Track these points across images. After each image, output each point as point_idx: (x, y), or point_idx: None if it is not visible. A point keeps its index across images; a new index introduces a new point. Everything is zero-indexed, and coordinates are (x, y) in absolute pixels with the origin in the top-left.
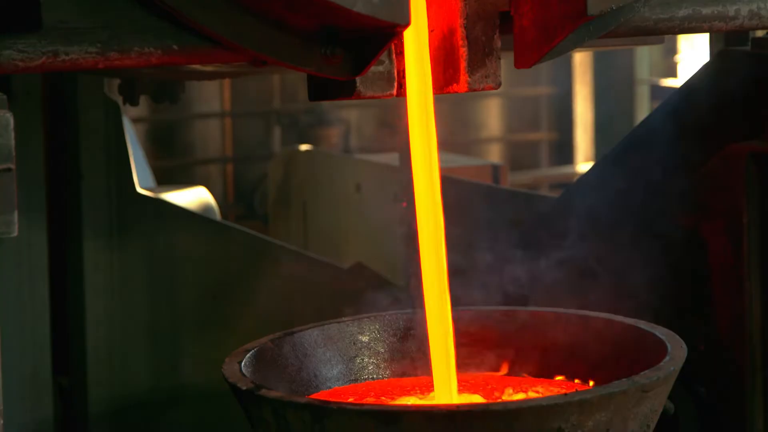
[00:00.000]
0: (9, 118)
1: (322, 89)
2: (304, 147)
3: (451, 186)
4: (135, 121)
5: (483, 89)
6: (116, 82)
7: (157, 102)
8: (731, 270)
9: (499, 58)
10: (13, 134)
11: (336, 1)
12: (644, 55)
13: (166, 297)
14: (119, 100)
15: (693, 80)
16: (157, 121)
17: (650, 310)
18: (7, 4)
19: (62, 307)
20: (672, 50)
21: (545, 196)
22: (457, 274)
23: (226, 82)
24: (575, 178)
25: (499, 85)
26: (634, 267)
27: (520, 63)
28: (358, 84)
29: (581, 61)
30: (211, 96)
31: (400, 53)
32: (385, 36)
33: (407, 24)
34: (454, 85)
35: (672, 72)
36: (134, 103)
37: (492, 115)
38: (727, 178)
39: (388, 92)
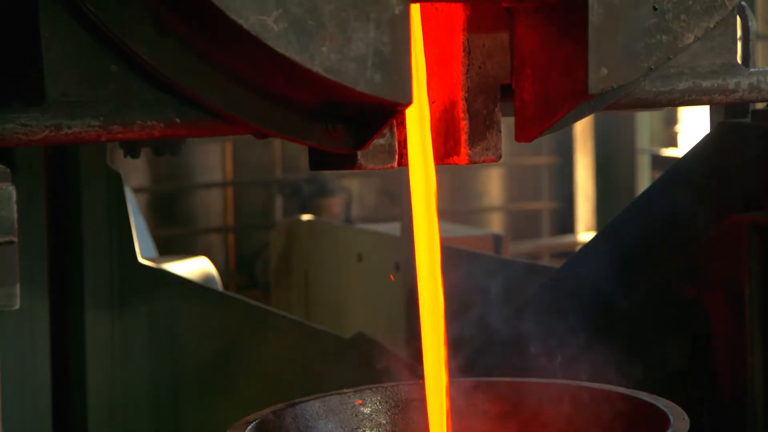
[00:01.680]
0: (11, 191)
1: (323, 160)
2: (305, 217)
3: (452, 256)
4: (137, 191)
5: (483, 162)
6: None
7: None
8: (733, 341)
9: (500, 131)
10: (15, 207)
11: (338, 80)
12: (645, 124)
13: (168, 366)
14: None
15: (694, 151)
16: (159, 191)
17: (652, 381)
18: (9, 76)
19: (64, 375)
20: (672, 120)
21: (546, 267)
22: (458, 344)
23: (228, 151)
24: (577, 248)
25: (500, 157)
26: (635, 337)
27: (520, 137)
28: (359, 156)
29: (582, 130)
30: (213, 165)
31: (401, 123)
32: (387, 113)
33: (409, 103)
34: (455, 157)
35: (673, 142)
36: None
37: (493, 184)
38: (729, 249)
39: (389, 164)
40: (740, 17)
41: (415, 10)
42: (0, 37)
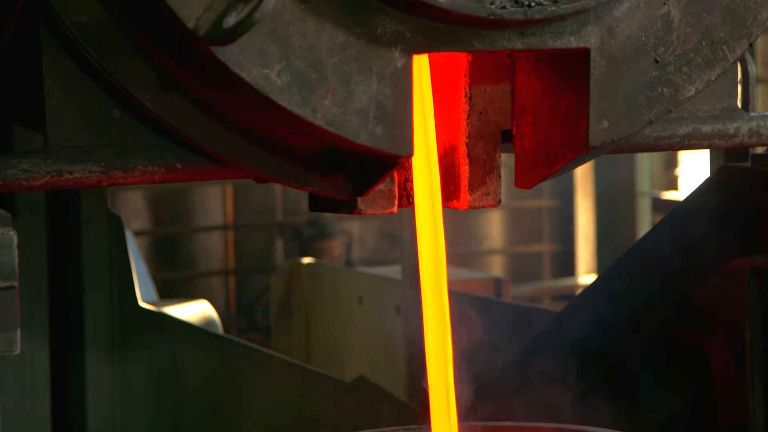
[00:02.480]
0: (12, 235)
1: (323, 203)
2: (306, 260)
3: (453, 300)
4: (137, 234)
5: (483, 207)
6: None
7: None
8: (734, 385)
9: (500, 177)
10: (16, 252)
11: (339, 134)
12: (645, 167)
13: (168, 409)
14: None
15: (694, 195)
16: (160, 234)
17: (653, 425)
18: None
19: (64, 420)
20: (673, 163)
21: (547, 310)
22: (458, 387)
23: (229, 194)
24: (578, 290)
25: (499, 203)
26: (636, 381)
27: (520, 183)
28: (359, 202)
29: (582, 173)
30: (213, 208)
31: (401, 165)
32: (388, 164)
33: (410, 155)
34: (455, 201)
35: (673, 185)
36: None
37: (494, 226)
38: (729, 293)
39: (389, 209)
40: (740, 62)
41: (423, 57)
42: (3, 81)
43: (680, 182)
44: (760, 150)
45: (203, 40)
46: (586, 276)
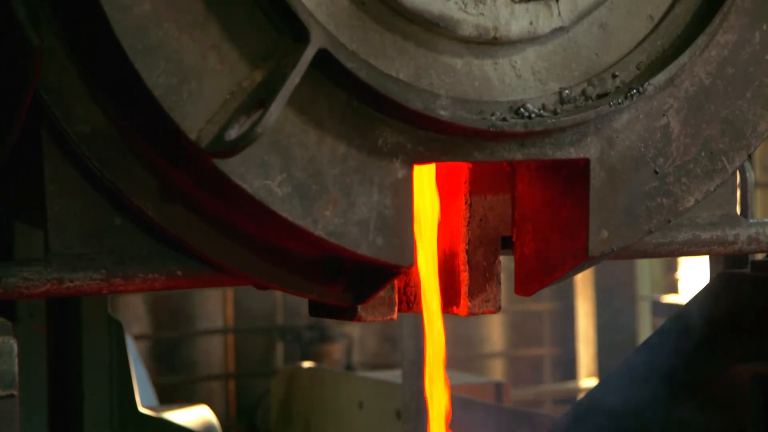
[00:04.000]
0: (12, 344)
1: (324, 309)
2: (306, 364)
3: (454, 405)
4: (138, 337)
5: (483, 313)
6: None
7: None
8: None
9: (500, 283)
10: (16, 360)
11: (340, 244)
12: (645, 271)
13: None
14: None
15: (693, 302)
16: (160, 338)
17: None
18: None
19: None
20: (673, 267)
21: (548, 416)
22: None
23: (229, 298)
24: (579, 394)
25: (499, 309)
26: None
27: (520, 291)
28: (359, 309)
29: (582, 276)
30: (214, 312)
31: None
32: (388, 274)
33: (411, 266)
34: (454, 307)
35: (673, 288)
36: None
37: (494, 330)
38: (731, 399)
39: (389, 316)
40: (738, 170)
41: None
42: (6, 188)
43: (680, 286)
44: (759, 256)
45: (205, 152)
46: (587, 379)
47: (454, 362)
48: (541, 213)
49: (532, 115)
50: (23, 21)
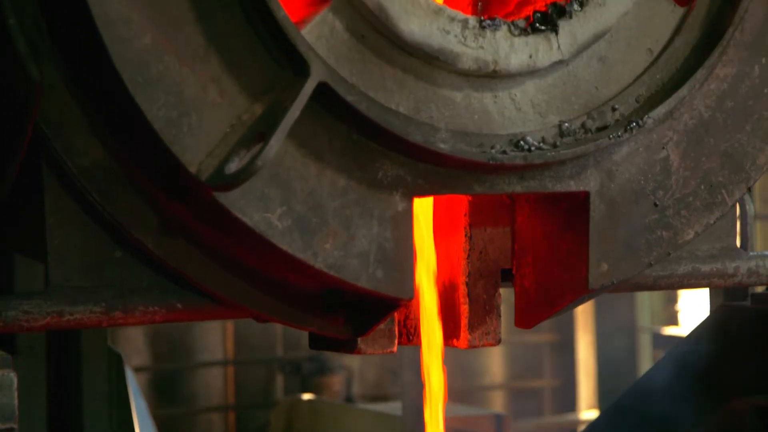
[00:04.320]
0: (12, 378)
1: (324, 341)
2: (306, 396)
3: None
4: (137, 370)
5: (483, 346)
6: None
7: None
8: None
9: (500, 316)
10: (16, 393)
11: (340, 277)
12: (645, 303)
13: None
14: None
15: (694, 334)
16: (160, 370)
17: None
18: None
19: None
20: (673, 299)
21: None
22: None
23: (229, 330)
24: (579, 426)
25: (499, 341)
26: None
27: (521, 323)
28: (359, 342)
29: (583, 308)
30: (214, 344)
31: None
32: (388, 306)
33: (411, 299)
34: (454, 340)
35: (673, 320)
36: None
37: (494, 362)
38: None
39: (389, 349)
40: (738, 202)
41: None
42: (7, 222)
43: (680, 317)
44: (759, 288)
45: (205, 185)
46: (587, 411)
47: (454, 394)
48: (540, 245)
49: (532, 148)
50: (24, 55)
